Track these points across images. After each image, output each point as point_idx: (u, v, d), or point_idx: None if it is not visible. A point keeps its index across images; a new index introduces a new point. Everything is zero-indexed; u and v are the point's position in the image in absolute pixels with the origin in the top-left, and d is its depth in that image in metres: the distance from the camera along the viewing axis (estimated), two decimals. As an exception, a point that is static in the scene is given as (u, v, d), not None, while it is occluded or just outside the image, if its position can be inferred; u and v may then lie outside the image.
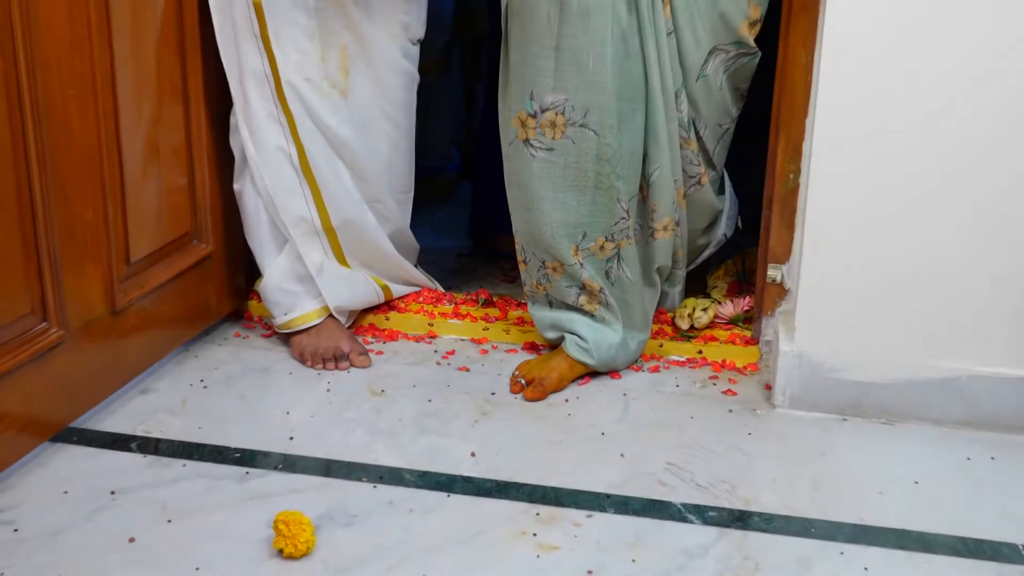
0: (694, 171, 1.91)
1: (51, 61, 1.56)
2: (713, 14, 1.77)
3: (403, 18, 1.96)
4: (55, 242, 1.60)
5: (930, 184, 1.69)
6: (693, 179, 1.92)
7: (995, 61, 1.61)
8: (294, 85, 1.86)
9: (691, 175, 1.91)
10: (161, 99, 1.84)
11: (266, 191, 1.93)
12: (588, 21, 1.72)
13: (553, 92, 1.77)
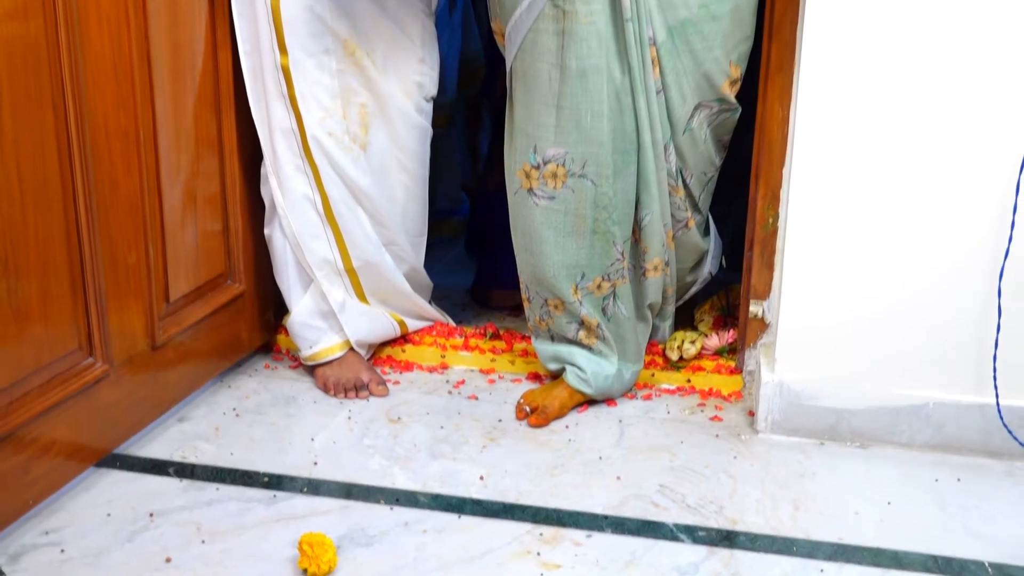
0: (681, 216, 1.89)
1: (98, 117, 1.54)
2: (698, 74, 1.76)
3: (418, 78, 1.95)
4: (100, 283, 1.58)
5: (898, 229, 1.67)
6: (680, 223, 1.90)
7: (963, 115, 1.60)
8: (318, 140, 1.84)
9: (679, 219, 1.89)
10: (198, 152, 1.83)
11: (293, 235, 1.91)
12: (586, 82, 1.71)
13: (554, 146, 1.76)
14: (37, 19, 1.41)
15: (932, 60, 1.59)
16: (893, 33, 1.59)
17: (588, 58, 1.70)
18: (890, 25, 1.58)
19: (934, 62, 1.59)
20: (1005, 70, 1.57)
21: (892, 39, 1.59)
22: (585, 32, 1.69)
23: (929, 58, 1.59)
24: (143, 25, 1.62)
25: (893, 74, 1.61)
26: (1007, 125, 1.59)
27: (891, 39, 1.59)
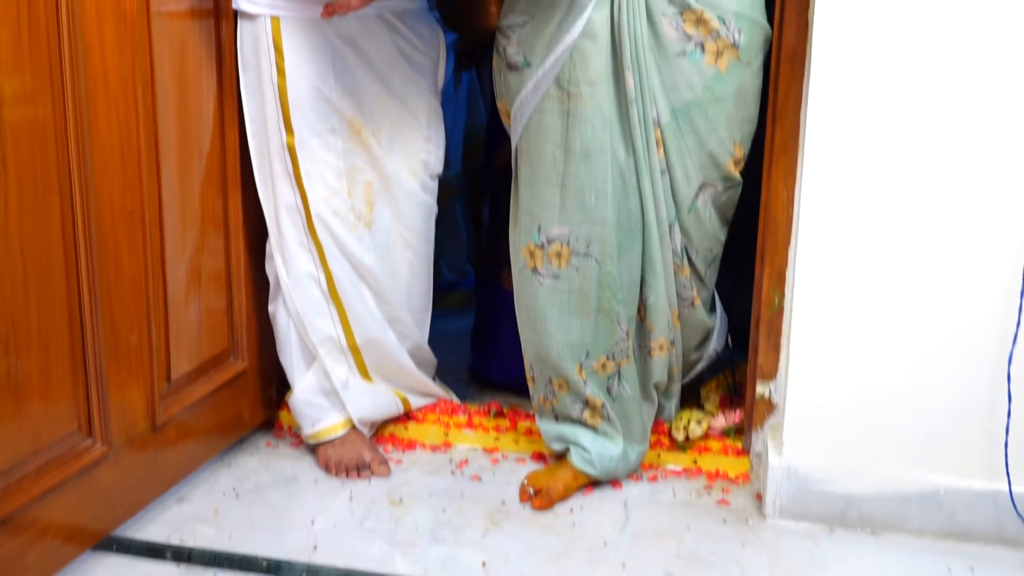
0: (687, 294, 1.88)
1: (104, 200, 1.55)
2: (702, 155, 1.77)
3: (423, 156, 1.96)
4: (101, 364, 1.57)
5: (905, 311, 1.66)
6: (686, 301, 1.89)
7: (969, 195, 1.60)
8: (323, 218, 1.85)
9: (684, 298, 1.88)
10: (204, 229, 1.83)
11: (296, 313, 1.90)
12: (590, 162, 1.72)
13: (559, 225, 1.76)
14: (46, 104, 1.42)
15: (936, 143, 1.59)
16: (896, 116, 1.60)
17: (592, 139, 1.71)
18: (893, 108, 1.59)
19: (938, 145, 1.59)
20: (1010, 154, 1.57)
21: (896, 122, 1.60)
22: (589, 114, 1.70)
23: (933, 141, 1.59)
24: (151, 107, 1.64)
25: (897, 156, 1.61)
26: (1013, 206, 1.59)
27: (895, 122, 1.60)
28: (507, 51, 1.76)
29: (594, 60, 1.68)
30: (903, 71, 1.58)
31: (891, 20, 1.56)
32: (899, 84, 1.58)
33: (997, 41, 1.54)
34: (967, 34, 1.55)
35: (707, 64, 1.70)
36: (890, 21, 1.56)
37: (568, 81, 1.70)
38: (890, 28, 1.57)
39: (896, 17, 1.56)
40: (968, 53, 1.55)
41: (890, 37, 1.57)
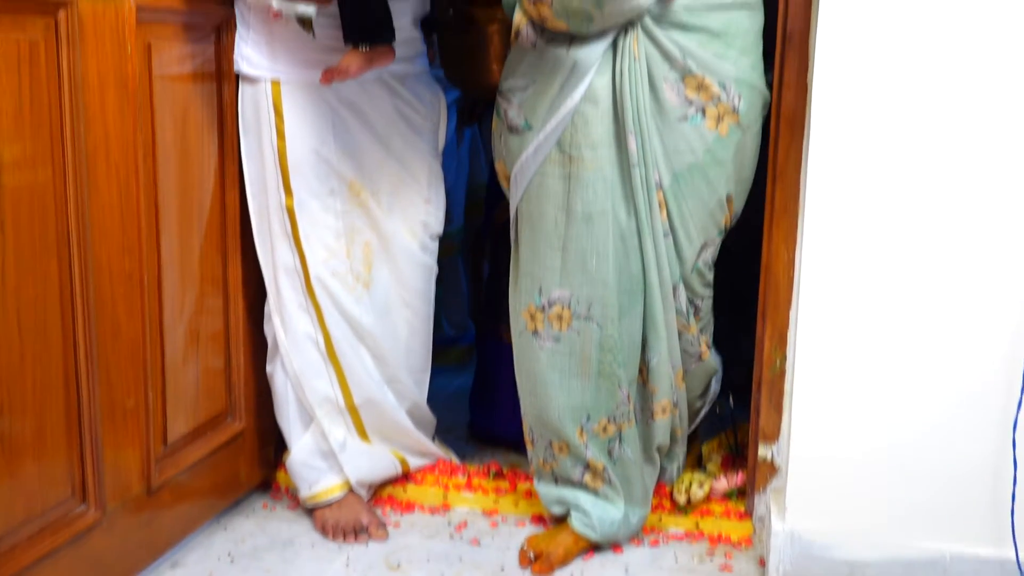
0: (694, 351, 1.87)
1: (103, 263, 1.55)
2: (703, 215, 1.77)
3: (423, 217, 1.97)
4: (97, 428, 1.56)
5: (908, 374, 1.65)
6: (693, 357, 1.88)
7: (970, 256, 1.59)
8: (322, 279, 1.85)
9: (691, 354, 1.88)
10: (203, 289, 1.83)
11: (294, 374, 1.89)
12: (592, 225, 1.72)
13: (560, 287, 1.76)
14: (46, 168, 1.43)
15: (935, 205, 1.59)
16: (895, 177, 1.60)
17: (594, 203, 1.71)
18: (892, 169, 1.60)
19: (937, 206, 1.59)
20: (1009, 217, 1.57)
21: (894, 183, 1.60)
22: (591, 177, 1.71)
23: (932, 202, 1.59)
24: (152, 170, 1.65)
25: (896, 217, 1.61)
26: (1015, 269, 1.59)
27: (893, 182, 1.60)
28: (508, 114, 1.77)
29: (596, 124, 1.69)
30: (901, 134, 1.58)
31: (889, 83, 1.57)
32: (897, 146, 1.59)
33: (994, 107, 1.55)
34: (963, 98, 1.55)
35: (708, 128, 1.71)
36: (888, 84, 1.57)
37: (570, 145, 1.71)
38: (888, 91, 1.58)
39: (894, 80, 1.57)
40: (964, 116, 1.56)
41: (888, 100, 1.58)
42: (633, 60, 1.67)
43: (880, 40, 1.56)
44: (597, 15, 1.61)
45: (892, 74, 1.57)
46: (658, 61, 1.68)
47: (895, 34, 1.56)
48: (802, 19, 1.69)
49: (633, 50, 1.67)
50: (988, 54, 1.54)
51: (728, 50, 1.70)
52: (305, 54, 1.75)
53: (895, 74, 1.57)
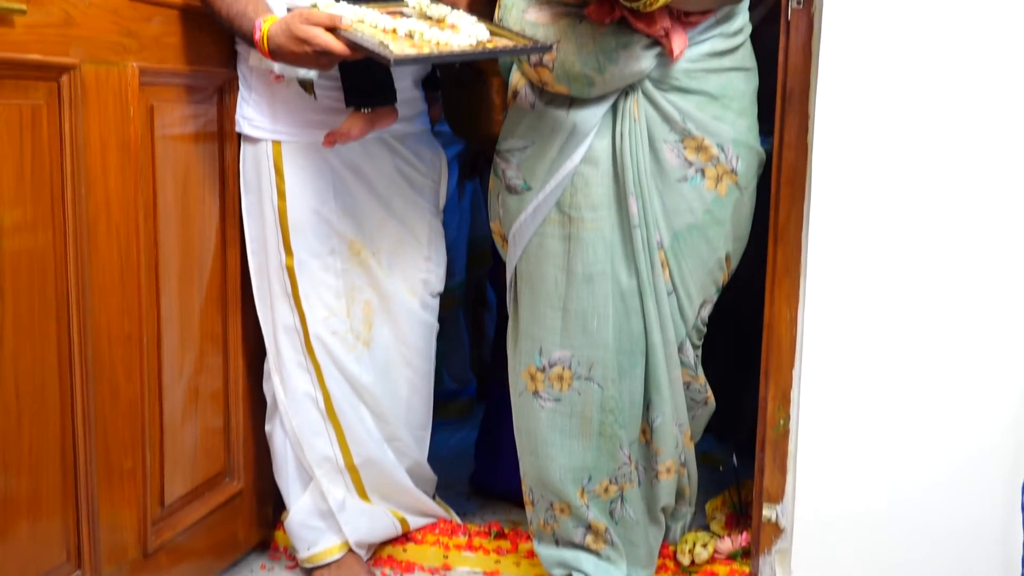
0: (701, 398, 1.87)
1: (102, 324, 1.55)
2: (703, 274, 1.77)
3: (423, 276, 1.97)
4: (93, 492, 1.55)
5: (915, 434, 1.63)
6: (700, 403, 1.87)
7: (974, 314, 1.59)
8: (321, 338, 1.84)
9: (698, 401, 1.87)
10: (203, 348, 1.83)
11: (293, 433, 1.88)
12: (592, 286, 1.72)
13: (560, 348, 1.75)
14: (46, 232, 1.43)
15: (938, 262, 1.59)
16: (898, 236, 1.60)
17: (594, 263, 1.71)
18: (894, 226, 1.60)
19: (940, 264, 1.59)
20: (1014, 274, 1.57)
21: (897, 241, 1.60)
22: (591, 238, 1.71)
23: (935, 260, 1.59)
24: (153, 230, 1.65)
25: (900, 276, 1.61)
26: (1020, 325, 1.58)
27: (896, 241, 1.60)
28: (506, 174, 1.78)
29: (596, 186, 1.70)
30: (902, 192, 1.59)
31: (890, 141, 1.58)
32: (898, 205, 1.59)
33: (996, 167, 1.55)
34: (965, 157, 1.56)
35: (707, 189, 1.72)
36: (889, 142, 1.58)
37: (570, 206, 1.71)
38: (889, 150, 1.58)
39: (895, 138, 1.58)
40: (965, 174, 1.56)
41: (889, 158, 1.58)
42: (633, 122, 1.68)
43: (880, 99, 1.57)
44: (599, 80, 1.62)
45: (893, 132, 1.58)
46: (658, 123, 1.69)
47: (895, 92, 1.57)
48: (801, 79, 1.70)
49: (633, 112, 1.68)
50: (985, 114, 1.54)
51: (726, 112, 1.71)
52: (306, 115, 1.76)
53: (896, 132, 1.58)
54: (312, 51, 1.47)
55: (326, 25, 1.47)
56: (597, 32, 1.59)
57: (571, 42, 1.59)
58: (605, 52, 1.60)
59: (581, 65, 1.60)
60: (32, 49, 1.36)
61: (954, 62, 1.55)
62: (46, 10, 1.38)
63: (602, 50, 1.60)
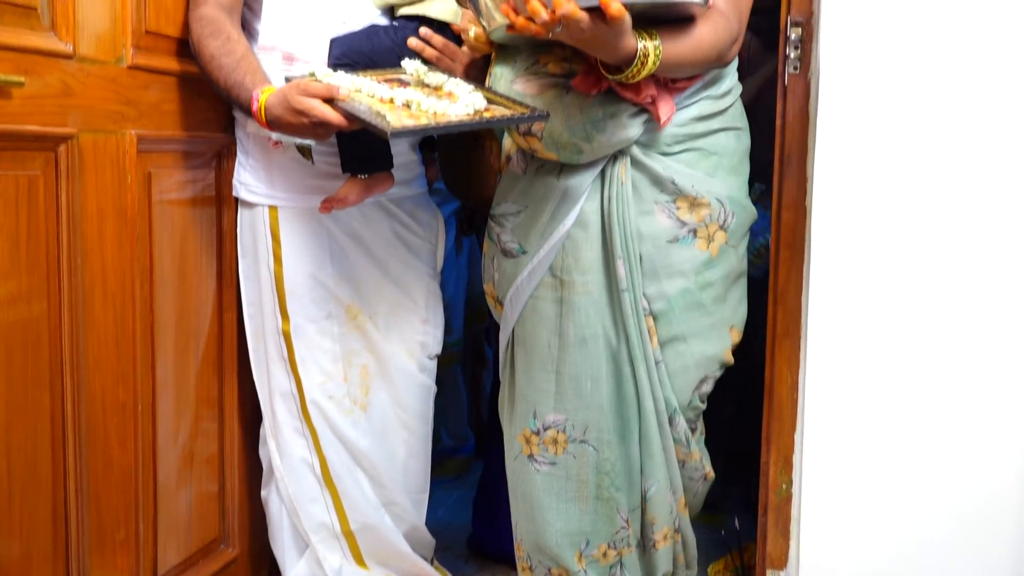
0: (698, 475, 1.84)
1: (96, 394, 1.53)
2: (699, 344, 1.74)
3: (420, 338, 1.96)
4: (85, 563, 1.53)
5: (919, 496, 1.62)
6: (697, 481, 1.84)
7: (974, 374, 1.58)
8: (318, 403, 1.82)
9: (695, 479, 1.83)
10: (199, 413, 1.81)
11: (289, 499, 1.86)
12: (585, 349, 1.70)
13: (555, 412, 1.73)
14: (41, 302, 1.42)
15: (940, 319, 1.58)
16: (898, 297, 1.59)
17: (586, 327, 1.70)
18: (894, 287, 1.59)
19: (942, 321, 1.58)
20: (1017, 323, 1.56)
21: (898, 302, 1.59)
22: (582, 301, 1.70)
23: (937, 319, 1.58)
24: (149, 297, 1.64)
25: (901, 337, 1.60)
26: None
27: (897, 302, 1.59)
28: (501, 238, 1.78)
29: (586, 249, 1.69)
30: (902, 255, 1.59)
31: (889, 204, 1.58)
32: (898, 267, 1.59)
33: (994, 229, 1.55)
34: (966, 219, 1.56)
35: (699, 249, 1.70)
36: (888, 205, 1.58)
37: (561, 269, 1.71)
38: (888, 212, 1.58)
39: (894, 201, 1.58)
40: (966, 235, 1.56)
41: (888, 221, 1.58)
42: (621, 186, 1.67)
43: (879, 161, 1.58)
44: (587, 148, 1.62)
45: (891, 193, 1.58)
46: (648, 186, 1.68)
47: (893, 155, 1.57)
48: (799, 142, 1.70)
49: (621, 176, 1.67)
50: (981, 175, 1.55)
51: (717, 169, 1.71)
52: (303, 180, 1.76)
53: (894, 194, 1.58)
54: (310, 122, 1.47)
55: (323, 96, 1.47)
56: (584, 102, 1.59)
57: (559, 112, 1.59)
58: (592, 121, 1.60)
59: (569, 135, 1.60)
60: (30, 120, 1.36)
61: (949, 126, 1.56)
62: (45, 81, 1.39)
63: (589, 120, 1.60)
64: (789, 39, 1.71)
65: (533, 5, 1.29)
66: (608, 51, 1.41)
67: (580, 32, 1.32)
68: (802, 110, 1.70)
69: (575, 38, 1.36)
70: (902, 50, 1.57)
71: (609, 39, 1.36)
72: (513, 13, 1.34)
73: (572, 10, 1.28)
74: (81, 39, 1.45)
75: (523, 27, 1.33)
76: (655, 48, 1.44)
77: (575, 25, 1.30)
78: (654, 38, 1.44)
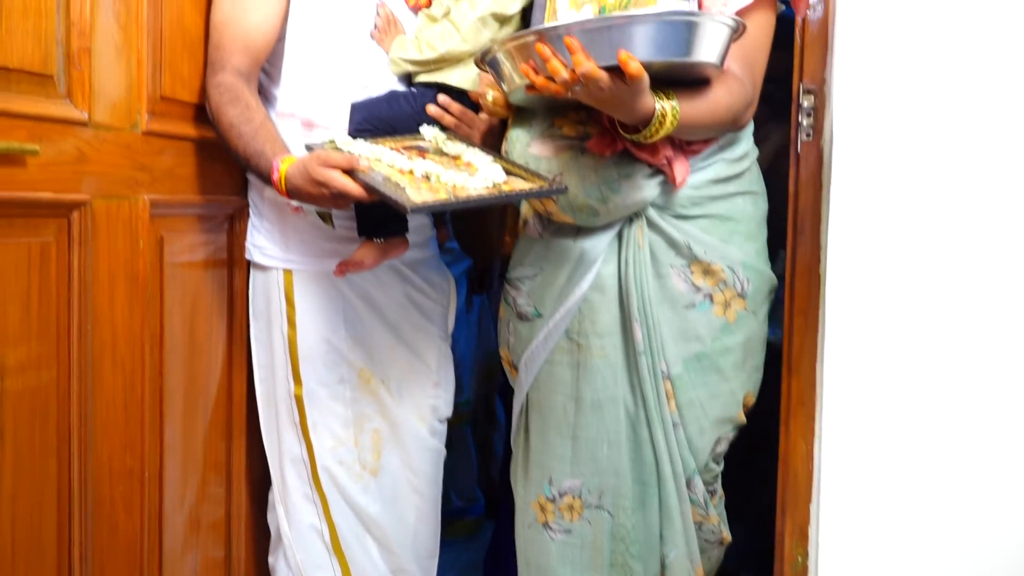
0: (715, 539, 1.80)
1: (103, 460, 1.51)
2: (716, 407, 1.72)
3: (432, 402, 1.93)
4: (88, 635, 1.49)
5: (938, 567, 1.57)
6: (714, 544, 1.80)
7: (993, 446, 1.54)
8: (329, 469, 1.80)
9: (712, 542, 1.80)
10: (206, 477, 1.79)
11: (297, 567, 1.82)
12: (601, 413, 1.68)
13: (571, 477, 1.70)
14: (50, 369, 1.40)
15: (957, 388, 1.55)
16: (915, 364, 1.56)
17: (603, 390, 1.68)
18: (910, 355, 1.56)
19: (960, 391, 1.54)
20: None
21: (914, 370, 1.56)
22: (599, 364, 1.68)
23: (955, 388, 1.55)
24: (159, 361, 1.63)
25: (919, 405, 1.56)
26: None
27: (913, 370, 1.56)
28: (517, 301, 1.76)
29: (603, 312, 1.68)
30: (918, 321, 1.56)
31: (903, 273, 1.56)
32: (914, 334, 1.56)
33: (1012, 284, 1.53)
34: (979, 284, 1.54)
35: (716, 315, 1.69)
36: (902, 274, 1.56)
37: (578, 333, 1.69)
38: (903, 280, 1.56)
39: (908, 269, 1.56)
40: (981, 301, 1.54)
41: (903, 289, 1.56)
42: (638, 249, 1.66)
43: (893, 228, 1.56)
44: (603, 210, 1.61)
45: (905, 261, 1.56)
46: (664, 249, 1.67)
47: (908, 221, 1.55)
48: (812, 208, 1.69)
49: (638, 239, 1.66)
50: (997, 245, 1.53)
51: (733, 235, 1.69)
52: (318, 244, 1.75)
53: (908, 261, 1.56)
54: (330, 193, 1.47)
55: (343, 168, 1.47)
56: (599, 164, 1.59)
57: (574, 174, 1.59)
58: (608, 183, 1.59)
59: (585, 196, 1.60)
60: (44, 187, 1.36)
61: (964, 192, 1.54)
62: (59, 148, 1.38)
63: (605, 181, 1.59)
64: (801, 106, 1.71)
65: (553, 65, 1.31)
66: (626, 111, 1.41)
67: (599, 91, 1.33)
68: (815, 177, 1.69)
69: (594, 97, 1.36)
70: (914, 117, 1.56)
71: (628, 99, 1.37)
72: (533, 73, 1.35)
73: (592, 69, 1.29)
74: (97, 106, 1.45)
75: (543, 86, 1.35)
76: (672, 109, 1.44)
77: (595, 84, 1.31)
78: (671, 98, 1.44)
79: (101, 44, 1.45)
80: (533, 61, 1.35)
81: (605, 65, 1.30)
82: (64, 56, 1.39)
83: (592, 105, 1.41)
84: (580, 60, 1.29)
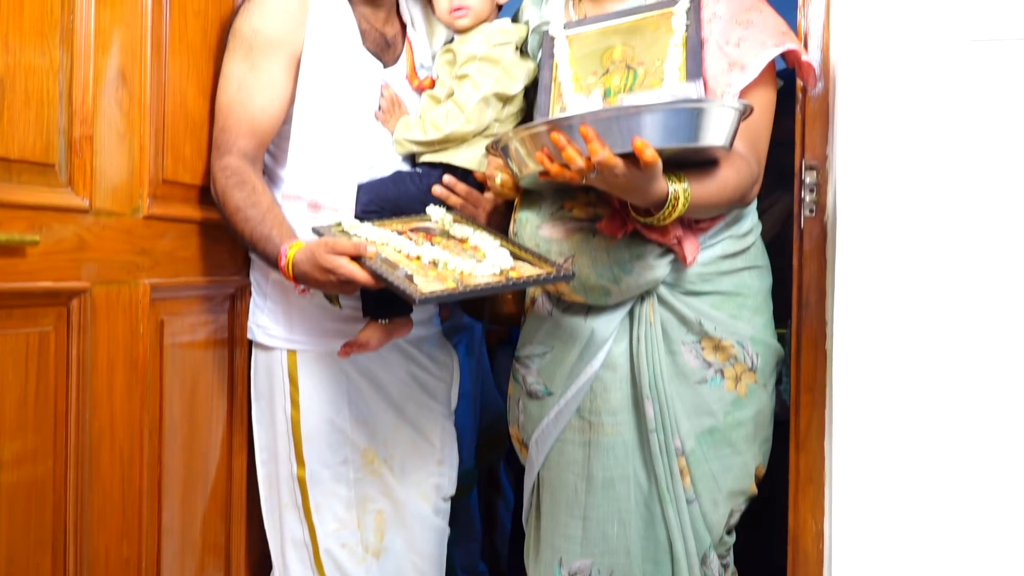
0: None
1: (100, 551, 1.46)
2: (728, 479, 1.69)
3: (436, 480, 1.89)
4: None
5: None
6: None
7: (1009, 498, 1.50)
8: (331, 552, 1.74)
9: None
10: (204, 560, 1.73)
11: (297, 654, 1.76)
12: (613, 491, 1.65)
13: (581, 558, 1.66)
14: (47, 461, 1.36)
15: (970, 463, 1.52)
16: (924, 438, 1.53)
17: (614, 468, 1.65)
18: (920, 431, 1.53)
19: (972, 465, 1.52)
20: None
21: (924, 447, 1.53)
22: (611, 442, 1.65)
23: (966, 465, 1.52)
24: (157, 447, 1.58)
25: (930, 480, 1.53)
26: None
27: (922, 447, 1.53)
28: (527, 379, 1.73)
29: (615, 390, 1.66)
30: (925, 397, 1.53)
31: (909, 346, 1.53)
32: (922, 408, 1.53)
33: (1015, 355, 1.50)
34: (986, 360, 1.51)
35: (727, 390, 1.67)
36: (909, 347, 1.54)
37: (589, 411, 1.66)
38: (909, 354, 1.54)
39: (914, 342, 1.53)
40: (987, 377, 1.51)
41: (911, 363, 1.53)
42: (649, 326, 1.64)
43: (898, 305, 1.54)
44: (615, 290, 1.60)
45: (912, 337, 1.53)
46: (675, 325, 1.65)
47: (912, 297, 1.53)
48: (817, 283, 1.68)
49: (649, 317, 1.65)
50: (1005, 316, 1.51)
51: (742, 310, 1.68)
52: (323, 324, 1.72)
53: (915, 337, 1.53)
54: (337, 279, 1.45)
55: (351, 255, 1.45)
56: (611, 245, 1.57)
57: (586, 256, 1.58)
58: (619, 264, 1.58)
59: (596, 277, 1.58)
60: (43, 276, 1.32)
61: (968, 266, 1.52)
62: (59, 236, 1.35)
63: (616, 262, 1.58)
64: (804, 183, 1.69)
65: (569, 153, 1.30)
66: (640, 195, 1.40)
67: (614, 178, 1.33)
68: (819, 252, 1.68)
69: (609, 183, 1.36)
70: (917, 191, 1.55)
71: (641, 184, 1.36)
72: (548, 160, 1.35)
73: (607, 156, 1.29)
74: (98, 192, 1.42)
75: (558, 174, 1.34)
76: (684, 191, 1.44)
77: (610, 171, 1.31)
78: (683, 181, 1.44)
79: (103, 130, 1.43)
80: (547, 149, 1.35)
81: (620, 152, 1.30)
82: (66, 144, 1.37)
83: (605, 190, 1.41)
84: (596, 148, 1.29)
